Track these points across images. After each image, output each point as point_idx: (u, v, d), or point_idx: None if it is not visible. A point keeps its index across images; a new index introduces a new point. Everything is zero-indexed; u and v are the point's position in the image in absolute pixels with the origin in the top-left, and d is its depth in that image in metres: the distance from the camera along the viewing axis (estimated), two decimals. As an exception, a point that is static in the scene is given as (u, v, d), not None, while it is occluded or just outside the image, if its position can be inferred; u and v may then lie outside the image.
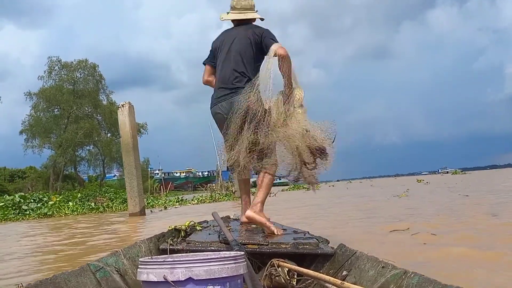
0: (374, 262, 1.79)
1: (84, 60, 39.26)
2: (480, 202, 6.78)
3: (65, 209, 14.11)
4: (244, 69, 2.92)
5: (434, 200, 8.25)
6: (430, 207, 6.67)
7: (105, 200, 16.16)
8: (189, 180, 68.95)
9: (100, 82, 40.24)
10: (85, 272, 1.63)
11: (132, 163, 10.09)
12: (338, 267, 2.04)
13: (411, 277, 1.50)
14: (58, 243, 5.57)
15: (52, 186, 36.87)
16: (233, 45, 2.98)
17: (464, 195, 8.50)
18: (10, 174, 50.19)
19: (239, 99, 2.79)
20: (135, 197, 10.08)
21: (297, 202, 11.03)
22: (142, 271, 1.28)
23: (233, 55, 2.96)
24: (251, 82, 2.78)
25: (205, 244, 2.14)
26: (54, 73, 38.39)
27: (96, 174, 43.70)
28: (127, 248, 2.01)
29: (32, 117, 37.58)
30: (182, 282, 1.20)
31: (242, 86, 2.85)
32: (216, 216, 2.47)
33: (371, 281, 1.71)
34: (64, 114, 38.33)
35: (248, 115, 2.72)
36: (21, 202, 14.34)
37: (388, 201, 8.97)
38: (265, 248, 2.12)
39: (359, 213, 6.57)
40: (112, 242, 5.12)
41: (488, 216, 4.81)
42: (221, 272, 1.24)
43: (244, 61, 2.93)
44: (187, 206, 13.96)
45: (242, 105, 2.75)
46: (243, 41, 2.96)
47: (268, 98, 2.76)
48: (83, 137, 37.46)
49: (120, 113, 10.12)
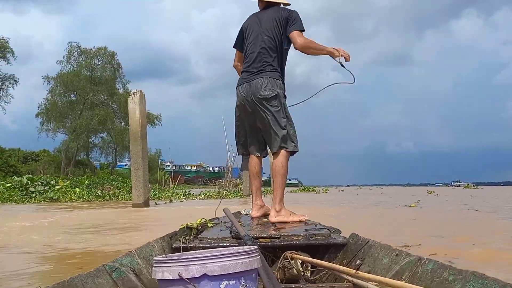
0: (387, 250, 1.78)
1: (103, 47, 39.44)
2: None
3: (71, 194, 14.03)
4: (268, 54, 2.91)
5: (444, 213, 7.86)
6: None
7: (112, 188, 16.05)
8: (200, 174, 69.11)
9: (118, 70, 40.38)
10: (101, 273, 1.64)
11: (139, 153, 9.88)
12: (352, 256, 2.03)
13: (425, 263, 1.49)
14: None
15: (63, 171, 37.13)
16: (259, 28, 2.97)
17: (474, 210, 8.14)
18: (24, 156, 50.82)
19: (257, 83, 2.83)
20: (140, 187, 9.88)
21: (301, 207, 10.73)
22: (157, 269, 1.27)
23: (258, 39, 2.95)
24: (274, 74, 2.85)
25: (217, 241, 2.15)
26: (73, 58, 38.66)
27: (107, 161, 43.94)
28: (140, 248, 2.02)
29: (49, 101, 37.86)
30: (197, 278, 1.21)
31: (265, 70, 2.87)
32: (228, 212, 2.47)
33: (386, 269, 1.70)
34: (80, 100, 38.55)
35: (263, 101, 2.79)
36: (29, 184, 14.31)
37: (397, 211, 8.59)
38: (277, 241, 2.12)
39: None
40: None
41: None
42: (235, 267, 1.24)
43: (268, 46, 2.91)
44: (194, 201, 13.73)
45: (260, 91, 2.79)
46: (268, 24, 2.94)
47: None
48: (97, 124, 37.62)
49: (131, 101, 9.92)
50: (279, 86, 2.86)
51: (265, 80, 2.82)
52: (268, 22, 2.95)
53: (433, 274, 1.43)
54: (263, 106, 2.81)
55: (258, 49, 2.92)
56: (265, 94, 2.79)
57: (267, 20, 2.96)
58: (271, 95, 2.79)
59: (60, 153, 40.02)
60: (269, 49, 2.90)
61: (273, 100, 2.80)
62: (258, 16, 3.05)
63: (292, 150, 2.84)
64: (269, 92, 2.79)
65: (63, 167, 38.07)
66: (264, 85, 2.81)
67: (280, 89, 2.86)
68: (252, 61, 2.93)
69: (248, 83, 2.89)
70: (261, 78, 2.84)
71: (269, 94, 2.79)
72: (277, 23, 2.92)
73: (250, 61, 2.95)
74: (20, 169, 37.05)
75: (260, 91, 2.80)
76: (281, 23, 2.91)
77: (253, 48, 2.95)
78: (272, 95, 2.79)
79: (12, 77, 35.48)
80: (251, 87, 2.85)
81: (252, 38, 2.98)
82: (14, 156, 48.36)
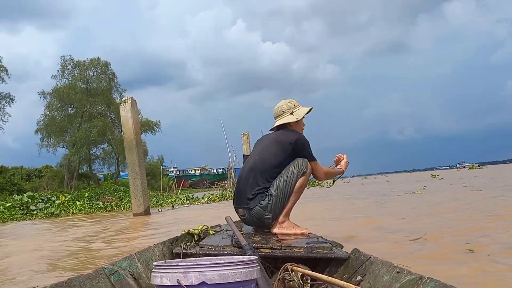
0: (389, 267, 1.75)
1: (96, 58, 39.36)
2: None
3: (73, 208, 13.83)
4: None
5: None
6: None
7: (114, 199, 15.84)
8: (204, 177, 69.01)
9: (113, 80, 40.30)
10: (99, 275, 1.63)
11: (135, 161, 9.66)
12: (352, 272, 2.01)
13: (426, 282, 1.46)
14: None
15: (67, 185, 37.03)
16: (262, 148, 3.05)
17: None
18: (27, 173, 50.82)
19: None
20: (139, 196, 9.66)
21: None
22: (156, 275, 1.27)
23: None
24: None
25: (218, 248, 2.13)
26: (67, 72, 38.62)
27: (111, 172, 43.83)
28: (141, 252, 2.01)
29: (47, 117, 37.78)
30: (195, 286, 1.20)
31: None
32: (229, 220, 2.44)
33: (386, 287, 1.67)
34: (78, 113, 38.45)
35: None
36: (29, 202, 14.11)
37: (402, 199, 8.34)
38: (278, 252, 2.11)
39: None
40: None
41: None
42: (234, 276, 1.23)
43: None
44: (196, 206, 13.52)
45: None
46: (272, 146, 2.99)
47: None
48: (97, 136, 37.51)
49: (122, 109, 9.69)
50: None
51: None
52: (271, 145, 3.11)
53: None
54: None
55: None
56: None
57: (270, 142, 3.14)
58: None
59: (63, 167, 39.92)
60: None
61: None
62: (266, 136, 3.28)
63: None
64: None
65: (66, 181, 38.00)
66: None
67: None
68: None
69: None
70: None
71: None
72: (281, 146, 3.04)
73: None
74: (23, 187, 36.99)
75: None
76: (286, 147, 3.03)
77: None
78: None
79: (8, 95, 35.38)
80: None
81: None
82: (18, 174, 48.35)
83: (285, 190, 2.78)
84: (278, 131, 3.07)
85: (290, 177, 2.79)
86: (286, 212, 2.81)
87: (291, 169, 2.81)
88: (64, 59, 38.37)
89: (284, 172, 2.82)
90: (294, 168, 2.82)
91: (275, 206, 2.76)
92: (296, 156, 2.87)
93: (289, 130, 3.03)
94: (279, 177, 2.81)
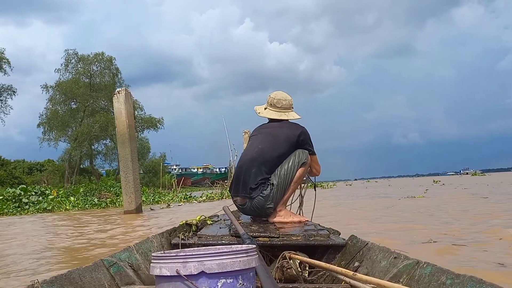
0: (386, 253, 1.77)
1: (101, 53, 38.92)
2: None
3: (66, 204, 13.44)
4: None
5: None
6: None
7: (110, 195, 15.43)
8: (206, 176, 68.70)
9: (117, 75, 39.83)
10: (99, 267, 1.62)
11: (128, 156, 9.24)
12: (350, 258, 2.03)
13: (423, 267, 1.46)
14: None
15: (67, 180, 36.72)
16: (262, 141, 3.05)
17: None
18: (29, 167, 50.72)
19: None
20: (131, 193, 9.24)
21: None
22: (155, 265, 1.24)
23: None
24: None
25: (216, 238, 2.14)
26: (71, 66, 38.19)
27: (112, 168, 43.48)
28: (139, 243, 2.01)
29: (49, 110, 37.44)
30: (194, 276, 1.18)
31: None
32: (227, 210, 2.46)
33: (383, 272, 1.68)
34: (81, 107, 38.07)
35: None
36: (22, 195, 13.74)
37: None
38: (276, 241, 2.11)
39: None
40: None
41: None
42: (233, 265, 1.21)
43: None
44: (193, 204, 13.08)
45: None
46: (273, 137, 3.00)
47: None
48: (99, 131, 37.10)
49: (116, 100, 9.28)
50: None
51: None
52: (273, 136, 3.14)
53: (431, 277, 1.40)
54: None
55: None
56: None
57: (274, 134, 3.16)
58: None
59: (64, 162, 39.60)
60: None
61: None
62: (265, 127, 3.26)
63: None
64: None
65: (67, 176, 37.66)
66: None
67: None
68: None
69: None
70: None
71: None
72: (286, 138, 3.07)
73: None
74: (25, 180, 36.74)
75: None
76: (291, 140, 3.05)
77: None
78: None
79: (10, 87, 35.08)
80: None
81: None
82: (19, 168, 48.24)
83: (286, 179, 2.81)
84: (282, 123, 3.09)
85: (291, 167, 2.83)
86: (284, 201, 2.86)
87: (292, 159, 2.86)
88: (68, 53, 38.00)
89: (285, 162, 2.86)
90: (295, 158, 2.86)
91: (276, 195, 2.79)
92: (298, 148, 2.93)
93: (292, 123, 3.10)
94: (281, 167, 2.85)
